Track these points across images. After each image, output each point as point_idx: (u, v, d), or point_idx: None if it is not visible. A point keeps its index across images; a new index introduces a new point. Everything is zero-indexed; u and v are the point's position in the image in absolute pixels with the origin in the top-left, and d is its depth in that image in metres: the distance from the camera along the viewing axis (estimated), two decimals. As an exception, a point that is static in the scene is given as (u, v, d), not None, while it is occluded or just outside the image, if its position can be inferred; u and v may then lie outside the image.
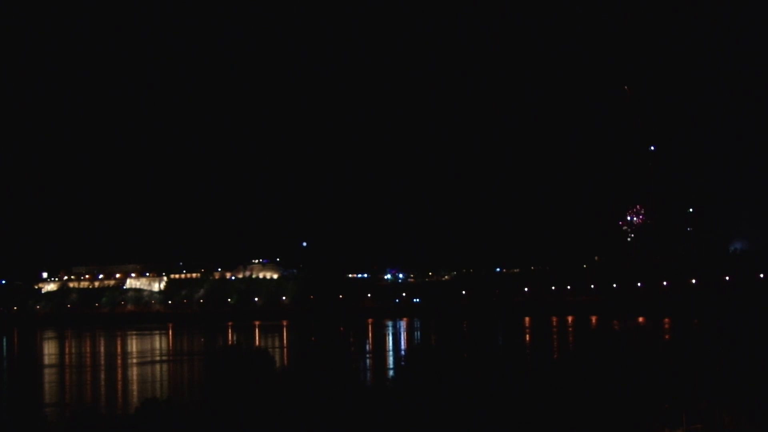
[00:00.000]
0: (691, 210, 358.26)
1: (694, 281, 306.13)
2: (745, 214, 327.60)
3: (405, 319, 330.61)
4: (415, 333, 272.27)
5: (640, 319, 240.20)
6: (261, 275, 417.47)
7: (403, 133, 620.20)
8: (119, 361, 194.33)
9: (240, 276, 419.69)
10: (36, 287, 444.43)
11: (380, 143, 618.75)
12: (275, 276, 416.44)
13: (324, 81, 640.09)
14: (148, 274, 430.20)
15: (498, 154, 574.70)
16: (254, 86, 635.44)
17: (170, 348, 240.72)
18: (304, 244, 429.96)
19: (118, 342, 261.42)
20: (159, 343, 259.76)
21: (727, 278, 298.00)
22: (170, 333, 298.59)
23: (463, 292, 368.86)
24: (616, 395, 71.46)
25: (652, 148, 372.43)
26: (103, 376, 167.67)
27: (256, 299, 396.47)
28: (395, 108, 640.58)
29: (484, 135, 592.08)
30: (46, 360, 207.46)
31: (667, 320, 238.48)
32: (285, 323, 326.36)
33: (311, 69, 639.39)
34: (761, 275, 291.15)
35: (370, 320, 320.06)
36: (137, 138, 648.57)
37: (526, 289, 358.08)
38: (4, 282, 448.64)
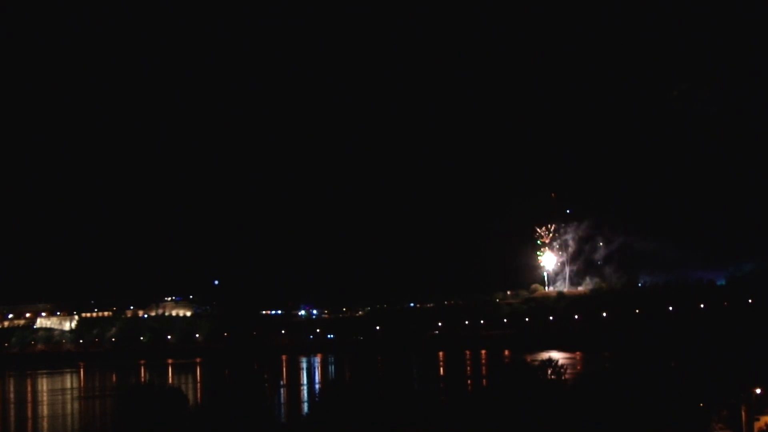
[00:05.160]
0: (600, 244, 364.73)
1: (604, 314, 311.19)
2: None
3: (319, 354, 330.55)
4: (330, 369, 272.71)
5: (552, 353, 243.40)
6: (174, 313, 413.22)
7: (313, 169, 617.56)
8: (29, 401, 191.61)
9: (152, 314, 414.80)
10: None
11: (289, 179, 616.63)
12: (188, 313, 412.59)
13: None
14: (59, 313, 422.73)
15: (410, 189, 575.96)
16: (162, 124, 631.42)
17: (82, 387, 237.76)
18: (216, 282, 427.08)
19: (28, 382, 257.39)
20: (70, 382, 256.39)
21: (637, 311, 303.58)
22: (81, 372, 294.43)
23: (377, 327, 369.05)
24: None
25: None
26: (12, 415, 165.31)
27: (169, 337, 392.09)
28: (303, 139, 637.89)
29: (395, 167, 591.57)
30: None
31: (578, 354, 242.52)
32: (198, 361, 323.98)
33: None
34: (670, 308, 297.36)
35: (284, 356, 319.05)
36: (43, 174, 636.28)
37: (439, 323, 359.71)
38: None
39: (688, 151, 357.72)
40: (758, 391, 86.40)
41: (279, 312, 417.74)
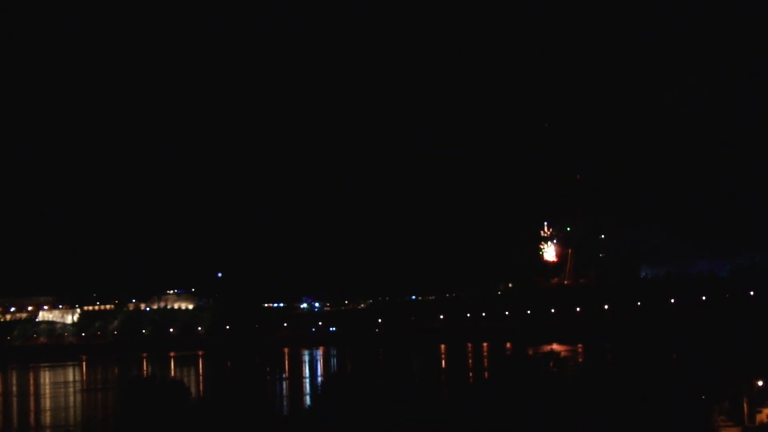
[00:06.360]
0: (602, 236, 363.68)
1: (606, 307, 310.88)
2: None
3: (321, 347, 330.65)
4: (332, 361, 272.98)
5: (554, 346, 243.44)
6: (176, 305, 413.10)
7: (313, 162, 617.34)
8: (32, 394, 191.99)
9: (154, 307, 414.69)
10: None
11: (290, 173, 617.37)
12: (190, 306, 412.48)
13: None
14: (60, 306, 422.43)
15: (411, 181, 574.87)
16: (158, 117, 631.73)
17: (84, 380, 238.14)
18: (219, 274, 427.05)
19: (31, 375, 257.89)
20: (73, 375, 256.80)
21: (639, 303, 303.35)
22: (84, 365, 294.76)
23: (380, 320, 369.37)
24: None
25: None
26: (15, 407, 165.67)
27: (171, 330, 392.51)
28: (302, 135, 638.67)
29: (392, 160, 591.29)
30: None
31: (580, 346, 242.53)
32: (200, 353, 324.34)
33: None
34: (672, 300, 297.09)
35: (286, 349, 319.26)
36: (44, 166, 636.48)
37: (441, 316, 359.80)
38: None
39: (690, 143, 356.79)
40: (760, 383, 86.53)
41: (281, 305, 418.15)
